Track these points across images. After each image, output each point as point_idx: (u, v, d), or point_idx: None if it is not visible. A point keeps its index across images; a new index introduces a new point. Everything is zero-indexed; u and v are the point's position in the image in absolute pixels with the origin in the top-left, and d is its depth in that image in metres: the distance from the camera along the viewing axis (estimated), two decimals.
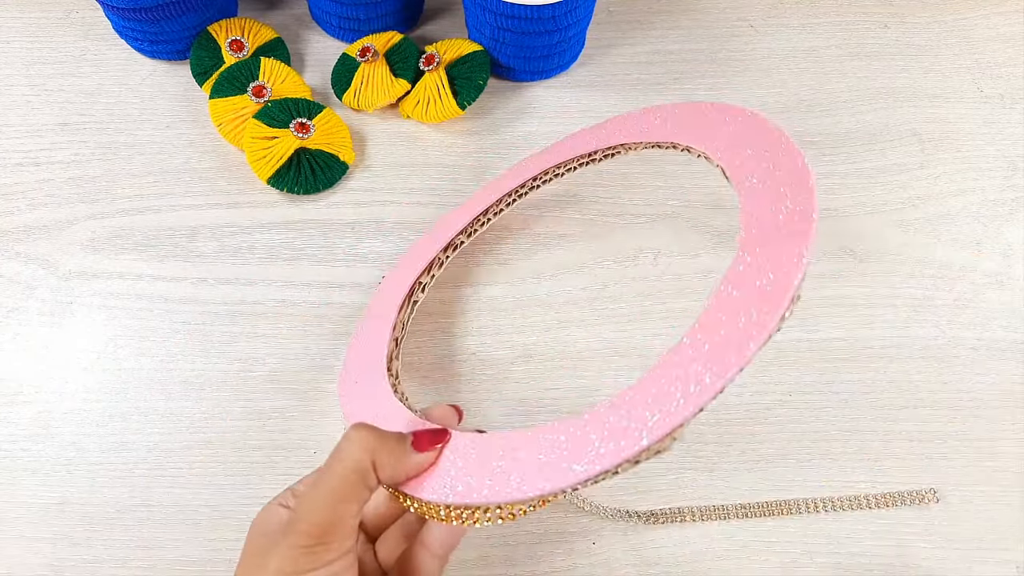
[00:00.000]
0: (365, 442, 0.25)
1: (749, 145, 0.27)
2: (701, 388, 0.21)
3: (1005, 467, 0.39)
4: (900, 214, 0.45)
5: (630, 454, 0.21)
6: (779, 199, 0.24)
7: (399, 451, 0.25)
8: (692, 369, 0.22)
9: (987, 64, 0.49)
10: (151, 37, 0.45)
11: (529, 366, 0.40)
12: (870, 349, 0.41)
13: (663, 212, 0.44)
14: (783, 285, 0.22)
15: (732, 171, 0.27)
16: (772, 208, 0.24)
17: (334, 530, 0.24)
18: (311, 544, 0.23)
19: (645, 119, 0.35)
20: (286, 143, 0.42)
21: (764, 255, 0.23)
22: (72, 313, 0.40)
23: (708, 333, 0.22)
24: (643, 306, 0.41)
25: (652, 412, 0.22)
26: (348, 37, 0.48)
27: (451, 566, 0.36)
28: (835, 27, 0.51)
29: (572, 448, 0.23)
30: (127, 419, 0.38)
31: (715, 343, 0.22)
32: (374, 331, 0.36)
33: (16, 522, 0.36)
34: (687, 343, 0.23)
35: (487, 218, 0.40)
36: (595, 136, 0.38)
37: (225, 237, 0.42)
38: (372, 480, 0.25)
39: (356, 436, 0.25)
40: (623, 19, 0.50)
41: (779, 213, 0.24)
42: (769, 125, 0.27)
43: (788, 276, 0.22)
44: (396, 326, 0.36)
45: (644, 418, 0.22)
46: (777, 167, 0.25)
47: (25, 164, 0.44)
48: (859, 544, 0.37)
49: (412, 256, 0.40)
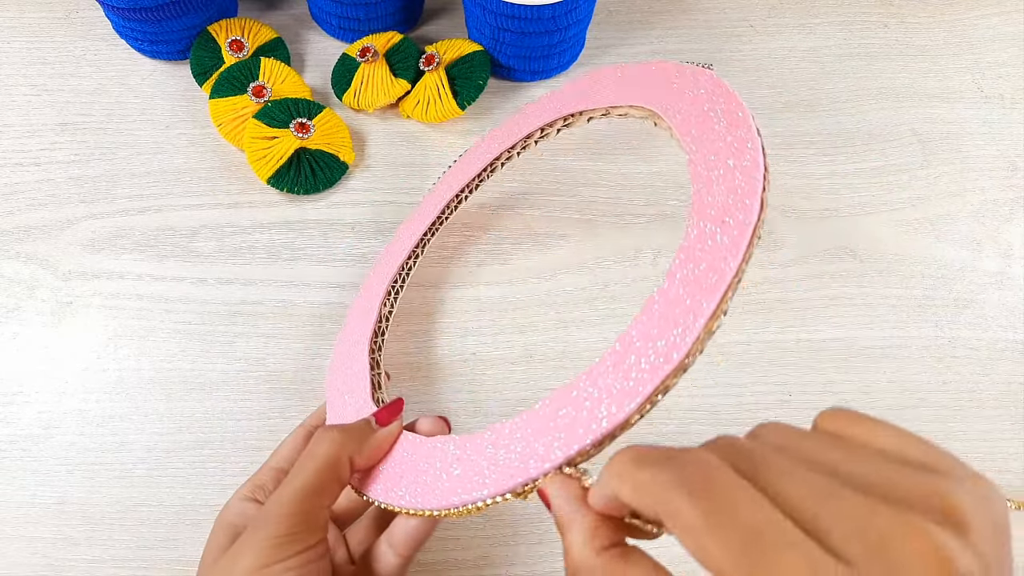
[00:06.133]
0: (334, 437, 0.26)
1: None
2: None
3: (1005, 467, 0.39)
4: (900, 214, 0.45)
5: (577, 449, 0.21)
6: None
7: (366, 432, 0.27)
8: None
9: (987, 64, 0.49)
10: (151, 37, 0.45)
11: (529, 366, 0.40)
12: (870, 349, 0.41)
13: (663, 212, 0.44)
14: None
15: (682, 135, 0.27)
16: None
17: (305, 523, 0.24)
18: (281, 536, 0.24)
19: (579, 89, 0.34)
20: (286, 143, 0.42)
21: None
22: (72, 313, 0.40)
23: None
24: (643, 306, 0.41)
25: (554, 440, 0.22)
26: (348, 37, 0.48)
27: (451, 566, 0.36)
28: (835, 27, 0.51)
29: (524, 448, 0.23)
30: (127, 419, 0.38)
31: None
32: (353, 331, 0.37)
33: (16, 522, 0.36)
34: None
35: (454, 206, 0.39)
36: (542, 109, 0.37)
37: (225, 237, 0.42)
38: (345, 473, 0.26)
39: (325, 435, 0.26)
40: (623, 19, 0.50)
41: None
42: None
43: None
44: (378, 320, 0.36)
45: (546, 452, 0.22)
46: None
47: (25, 164, 0.44)
48: None
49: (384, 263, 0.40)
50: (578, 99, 0.34)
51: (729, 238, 0.21)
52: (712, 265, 0.21)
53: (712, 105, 0.25)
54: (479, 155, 0.39)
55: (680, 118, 0.26)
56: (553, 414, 0.22)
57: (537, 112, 0.37)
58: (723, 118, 0.24)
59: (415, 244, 0.38)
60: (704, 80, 0.27)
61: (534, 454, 0.22)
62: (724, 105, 0.25)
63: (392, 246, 0.40)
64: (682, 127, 0.26)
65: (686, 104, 0.27)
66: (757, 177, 0.22)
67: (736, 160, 0.23)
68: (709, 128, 0.25)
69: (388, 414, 0.28)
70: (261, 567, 0.23)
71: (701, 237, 0.22)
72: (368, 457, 0.27)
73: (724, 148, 0.23)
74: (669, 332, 0.21)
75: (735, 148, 0.23)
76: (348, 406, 0.32)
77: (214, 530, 0.28)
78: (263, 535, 0.24)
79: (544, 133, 0.36)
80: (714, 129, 0.24)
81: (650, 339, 0.21)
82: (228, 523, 0.28)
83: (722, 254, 0.21)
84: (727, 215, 0.22)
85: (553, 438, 0.22)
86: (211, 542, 0.27)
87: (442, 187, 0.40)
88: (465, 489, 0.24)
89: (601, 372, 0.22)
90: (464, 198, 0.39)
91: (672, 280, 0.22)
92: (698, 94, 0.26)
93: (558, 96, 0.36)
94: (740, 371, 0.40)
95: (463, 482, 0.24)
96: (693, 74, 0.27)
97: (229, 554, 0.24)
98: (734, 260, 0.21)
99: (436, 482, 0.25)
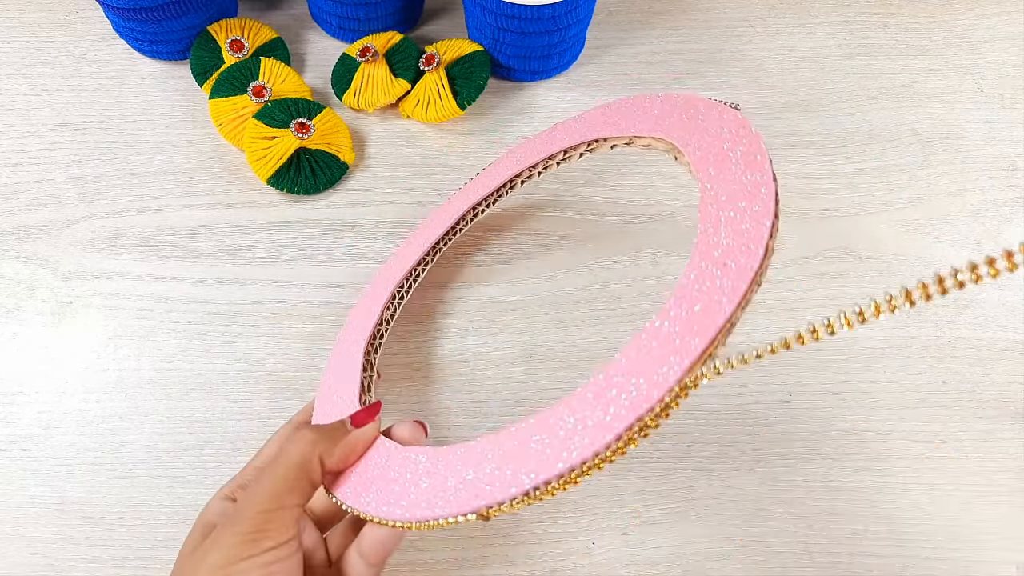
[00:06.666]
0: (307, 437, 0.27)
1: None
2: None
3: (1005, 467, 0.39)
4: (900, 214, 0.45)
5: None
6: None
7: (340, 433, 0.28)
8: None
9: (987, 64, 0.49)
10: (151, 37, 0.45)
11: (529, 366, 0.40)
12: (870, 349, 0.41)
13: (663, 212, 0.44)
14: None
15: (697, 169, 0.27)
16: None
17: (275, 520, 0.25)
18: (251, 532, 0.24)
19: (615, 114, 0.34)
20: (286, 143, 0.42)
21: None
22: (72, 313, 0.40)
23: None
24: (643, 306, 0.41)
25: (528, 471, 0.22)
26: (348, 37, 0.48)
27: (451, 566, 0.36)
28: (835, 27, 0.51)
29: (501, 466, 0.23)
30: (127, 419, 0.38)
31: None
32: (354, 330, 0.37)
33: (16, 522, 0.36)
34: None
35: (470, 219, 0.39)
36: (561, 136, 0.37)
37: (225, 237, 0.42)
38: (316, 474, 0.26)
39: (299, 435, 0.27)
40: (623, 19, 0.50)
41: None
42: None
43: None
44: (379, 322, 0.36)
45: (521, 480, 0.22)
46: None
47: (25, 164, 0.44)
48: (859, 544, 0.37)
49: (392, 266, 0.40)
50: (604, 125, 0.34)
51: (729, 282, 0.21)
52: (707, 307, 0.21)
53: (732, 145, 0.25)
54: (501, 169, 0.39)
55: (699, 155, 0.26)
56: (527, 439, 0.22)
57: (565, 133, 0.36)
58: (741, 160, 0.24)
59: (426, 251, 0.38)
60: (729, 119, 0.27)
61: (501, 478, 0.22)
62: (745, 147, 0.25)
63: (402, 249, 0.40)
64: (700, 164, 0.26)
65: (707, 141, 0.27)
66: (765, 224, 0.22)
67: (748, 203, 0.23)
68: (726, 168, 0.25)
69: (364, 416, 0.29)
70: (228, 564, 0.24)
71: (700, 278, 0.22)
72: (340, 459, 0.27)
73: (738, 190, 0.23)
74: (654, 370, 0.21)
75: (748, 191, 0.23)
76: (335, 405, 0.32)
77: (193, 528, 0.28)
78: (231, 531, 0.24)
79: (567, 155, 0.36)
80: (731, 170, 0.24)
81: (633, 374, 0.21)
82: (205, 521, 0.28)
83: (719, 297, 0.21)
84: (730, 258, 0.22)
85: (522, 464, 0.22)
86: (188, 538, 0.27)
87: (460, 197, 0.40)
88: (429, 504, 0.24)
89: (580, 401, 0.22)
90: (481, 211, 0.39)
91: (665, 316, 0.22)
92: (721, 133, 0.26)
93: (588, 119, 0.36)
94: (740, 371, 0.40)
95: (428, 497, 0.24)
96: (719, 112, 0.27)
97: (200, 550, 0.25)
98: (730, 305, 0.21)
99: (404, 493, 0.25)
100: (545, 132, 0.38)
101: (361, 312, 0.37)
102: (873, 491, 0.38)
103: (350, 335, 0.36)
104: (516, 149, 0.39)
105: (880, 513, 0.38)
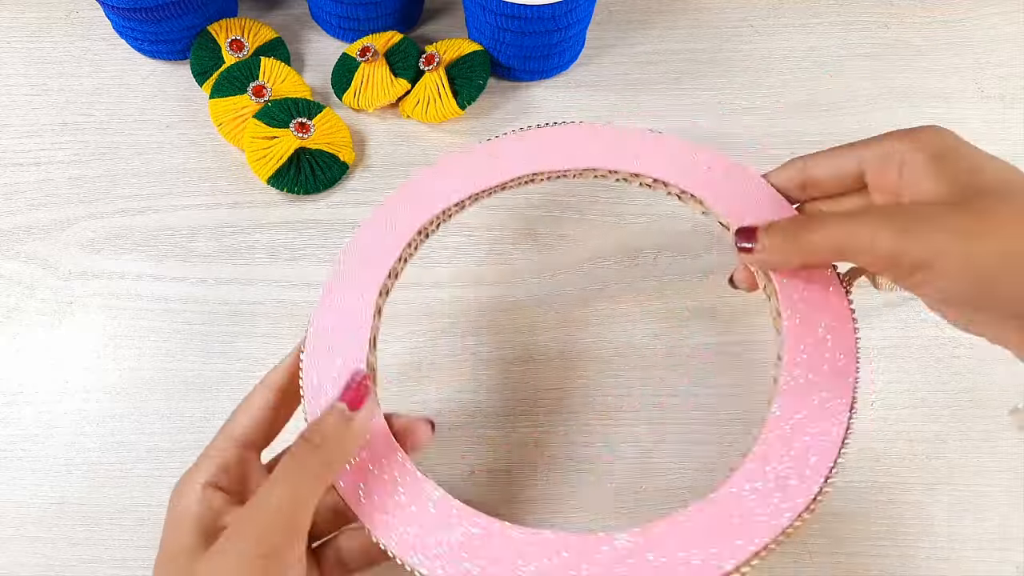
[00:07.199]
0: (314, 475, 0.24)
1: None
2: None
3: (1005, 467, 0.39)
4: None
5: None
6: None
7: (343, 436, 0.25)
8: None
9: (987, 64, 0.49)
10: (151, 37, 0.45)
11: (529, 366, 0.40)
12: (870, 349, 0.41)
13: (663, 212, 0.44)
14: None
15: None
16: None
17: (292, 534, 0.23)
18: (268, 552, 0.22)
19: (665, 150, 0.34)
20: (286, 143, 0.42)
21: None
22: (72, 313, 0.40)
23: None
24: (643, 306, 0.41)
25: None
26: (348, 37, 0.48)
27: None
28: (835, 27, 0.51)
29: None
30: (127, 419, 0.38)
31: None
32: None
33: (16, 522, 0.36)
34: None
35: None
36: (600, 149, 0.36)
37: (225, 237, 0.42)
38: (324, 489, 0.25)
39: (302, 473, 0.24)
40: (623, 19, 0.50)
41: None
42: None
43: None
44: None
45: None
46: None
47: (25, 164, 0.44)
48: (859, 544, 0.37)
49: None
50: (632, 157, 0.34)
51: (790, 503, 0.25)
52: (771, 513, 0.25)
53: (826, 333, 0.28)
54: (500, 167, 0.35)
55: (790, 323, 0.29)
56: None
57: (587, 140, 0.35)
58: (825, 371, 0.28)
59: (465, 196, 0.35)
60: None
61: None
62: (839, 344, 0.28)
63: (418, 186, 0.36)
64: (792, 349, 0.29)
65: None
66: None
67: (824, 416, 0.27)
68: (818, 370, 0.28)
69: (355, 395, 0.26)
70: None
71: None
72: (346, 463, 0.26)
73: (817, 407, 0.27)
74: (707, 549, 0.24)
75: (827, 408, 0.27)
76: (333, 361, 0.30)
77: (175, 521, 0.25)
78: (242, 548, 0.22)
79: (577, 175, 0.35)
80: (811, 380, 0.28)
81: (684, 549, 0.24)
82: (194, 516, 0.24)
83: (777, 511, 0.25)
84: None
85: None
86: (173, 536, 0.24)
87: (448, 180, 0.36)
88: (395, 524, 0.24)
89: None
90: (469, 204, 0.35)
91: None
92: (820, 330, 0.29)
93: (619, 139, 0.35)
94: (740, 371, 0.40)
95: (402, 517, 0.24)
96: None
97: (188, 560, 0.23)
98: (787, 517, 0.24)
99: (391, 506, 0.25)
100: (605, 129, 0.36)
101: (358, 262, 0.34)
102: (873, 491, 0.38)
103: (350, 281, 0.34)
104: (526, 134, 0.36)
105: (880, 513, 0.38)
